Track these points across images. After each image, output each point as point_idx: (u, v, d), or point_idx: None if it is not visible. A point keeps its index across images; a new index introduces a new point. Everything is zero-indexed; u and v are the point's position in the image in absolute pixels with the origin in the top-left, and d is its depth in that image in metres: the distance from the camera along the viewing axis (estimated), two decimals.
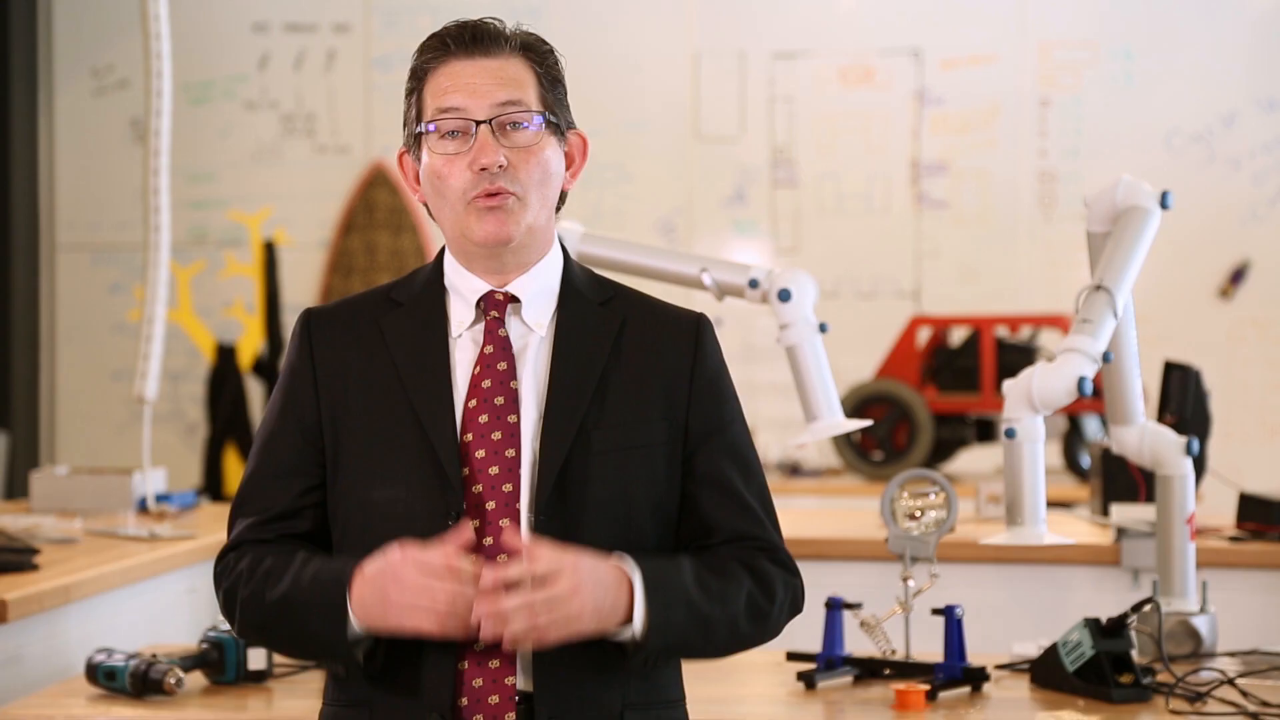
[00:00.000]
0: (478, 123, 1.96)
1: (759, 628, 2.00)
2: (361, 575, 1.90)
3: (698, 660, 2.02)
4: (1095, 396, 3.23)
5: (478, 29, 2.00)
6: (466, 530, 1.89)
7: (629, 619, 1.89)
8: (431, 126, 1.98)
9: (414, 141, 2.03)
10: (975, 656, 2.82)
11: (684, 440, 2.01)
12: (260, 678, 2.80)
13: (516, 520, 1.94)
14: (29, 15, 7.43)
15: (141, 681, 2.67)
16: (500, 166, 1.96)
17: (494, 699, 1.92)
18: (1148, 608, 2.85)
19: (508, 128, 1.97)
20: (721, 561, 1.99)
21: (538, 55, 2.02)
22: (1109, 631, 2.68)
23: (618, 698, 1.96)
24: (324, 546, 2.02)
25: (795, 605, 2.05)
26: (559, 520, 1.94)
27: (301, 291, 7.20)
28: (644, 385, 2.00)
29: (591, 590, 1.86)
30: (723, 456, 2.03)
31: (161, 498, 4.34)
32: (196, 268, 6.77)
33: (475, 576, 1.85)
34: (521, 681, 1.93)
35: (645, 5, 7.24)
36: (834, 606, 2.84)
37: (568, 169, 2.06)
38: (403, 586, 1.86)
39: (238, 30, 7.40)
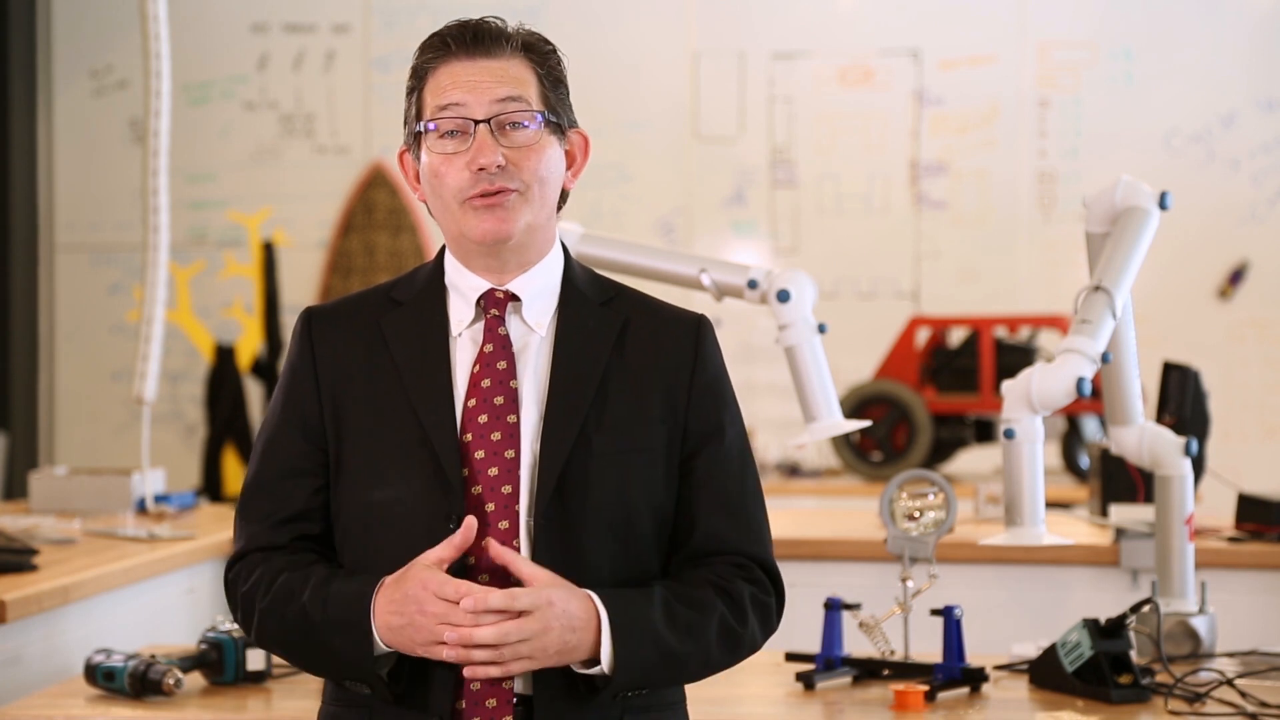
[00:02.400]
0: (476, 122, 1.96)
1: (732, 652, 1.99)
2: (385, 595, 1.89)
3: (669, 685, 2.00)
4: (1094, 397, 3.24)
5: (479, 29, 1.99)
6: (469, 532, 1.88)
7: (595, 654, 1.89)
8: (432, 125, 1.98)
9: (414, 140, 2.02)
10: (974, 657, 2.82)
11: (682, 442, 2.01)
12: (259, 678, 2.80)
13: (515, 522, 1.93)
14: (29, 15, 7.43)
15: (140, 682, 2.67)
16: (499, 166, 1.95)
17: (492, 703, 1.91)
18: (1147, 608, 2.85)
19: (507, 127, 1.97)
20: (694, 591, 1.97)
21: (539, 55, 2.01)
22: (1108, 632, 2.68)
23: (617, 702, 1.96)
24: (334, 548, 2.02)
25: (767, 624, 2.03)
26: (558, 523, 1.93)
27: (300, 292, 7.20)
28: (644, 387, 1.99)
29: (560, 631, 1.86)
30: (719, 461, 2.02)
31: (160, 498, 4.34)
32: (196, 268, 6.77)
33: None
34: (520, 685, 1.93)
35: (645, 5, 7.24)
36: (833, 607, 2.84)
37: (569, 168, 2.05)
38: (426, 616, 1.85)
39: (237, 30, 7.40)
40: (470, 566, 1.93)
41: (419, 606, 1.86)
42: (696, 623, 1.95)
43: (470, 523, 1.89)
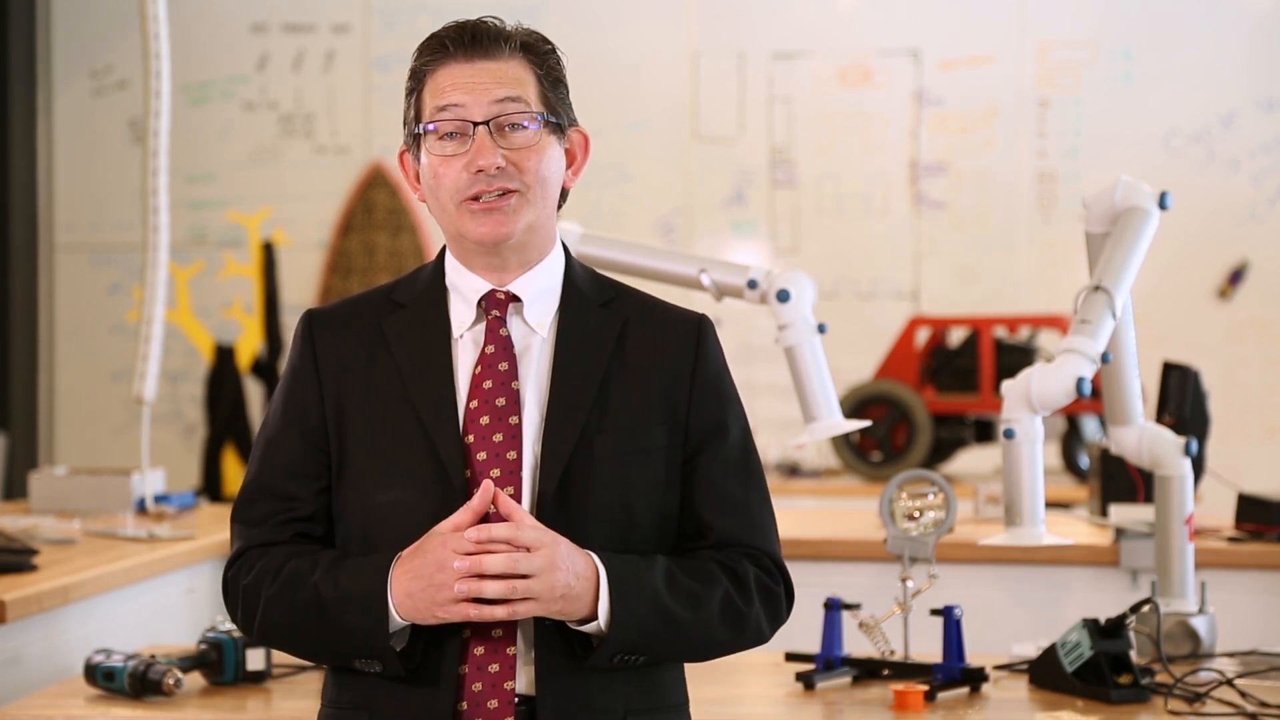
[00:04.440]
0: (475, 124, 1.96)
1: (737, 631, 1.98)
2: (402, 565, 1.89)
3: (674, 662, 2.01)
4: (1094, 397, 3.24)
5: (477, 30, 1.99)
6: (487, 495, 1.88)
7: (593, 612, 1.89)
8: (431, 127, 1.98)
9: (413, 142, 2.02)
10: (974, 657, 2.82)
11: (684, 442, 2.01)
12: (259, 678, 2.80)
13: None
14: (29, 15, 7.43)
15: (140, 682, 2.67)
16: (498, 168, 1.95)
17: (493, 703, 1.91)
18: (1146, 608, 2.85)
19: (506, 128, 1.97)
20: (700, 564, 1.98)
21: (538, 55, 2.01)
22: (1108, 632, 2.68)
23: (620, 702, 1.96)
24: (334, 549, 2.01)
25: (774, 612, 2.02)
26: (560, 524, 1.92)
27: (300, 292, 7.20)
28: (645, 387, 1.99)
29: (565, 572, 1.87)
30: (722, 460, 2.02)
31: (160, 498, 4.34)
32: (195, 268, 6.77)
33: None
34: (523, 685, 1.93)
35: (645, 5, 7.24)
36: (833, 607, 2.84)
37: (569, 167, 2.05)
38: (446, 573, 1.85)
39: (236, 31, 7.40)
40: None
41: (439, 565, 1.85)
42: (699, 592, 1.95)
43: (487, 486, 1.88)
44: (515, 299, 2.01)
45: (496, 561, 1.84)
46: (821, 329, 3.26)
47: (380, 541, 1.94)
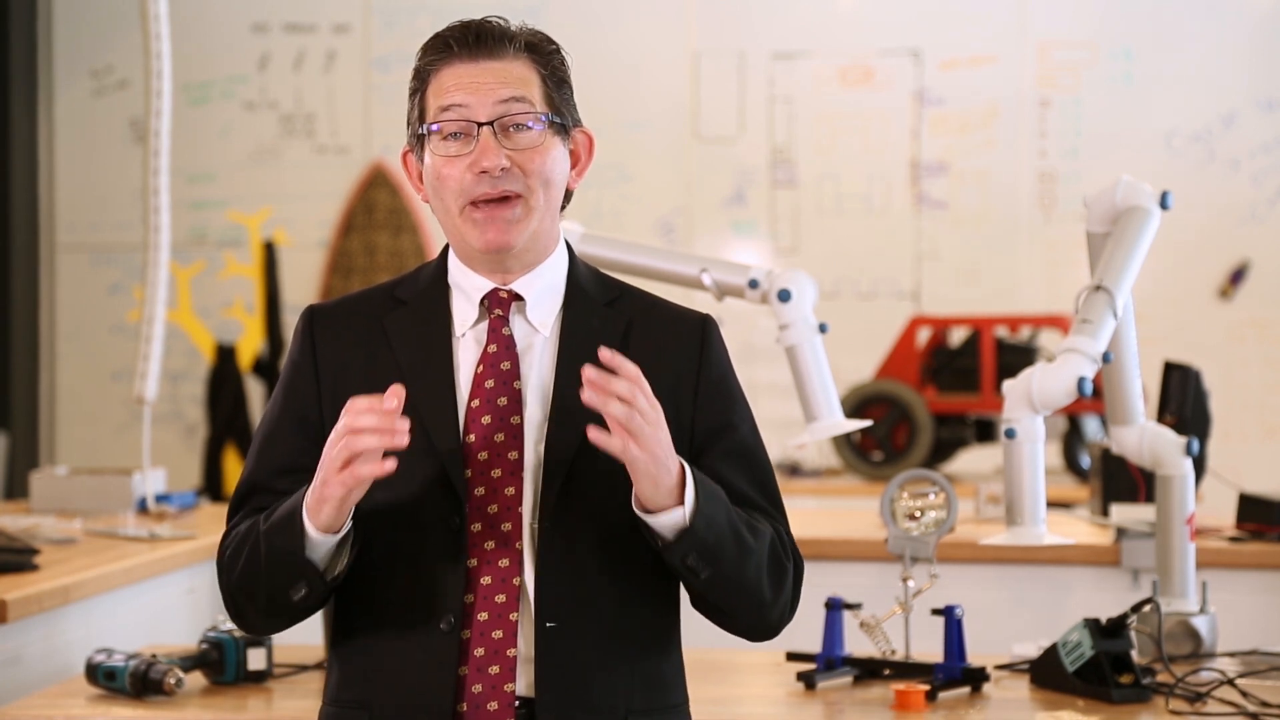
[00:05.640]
0: (479, 124, 1.95)
1: (778, 582, 1.98)
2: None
3: (726, 593, 1.96)
4: (1095, 397, 3.23)
5: (481, 29, 1.98)
6: (397, 392, 1.84)
7: (679, 502, 1.88)
8: (435, 127, 1.97)
9: (417, 142, 2.01)
10: (975, 657, 2.82)
11: (690, 442, 2.00)
12: (260, 678, 2.80)
13: (518, 524, 1.93)
14: (29, 15, 7.43)
15: (141, 682, 2.67)
16: (502, 169, 1.95)
17: (493, 705, 1.90)
18: (1147, 608, 2.85)
19: (510, 129, 1.96)
20: (748, 512, 2.00)
21: (542, 55, 2.00)
22: (1109, 632, 2.68)
23: (621, 703, 1.95)
24: None
25: (798, 583, 2.03)
26: (563, 525, 1.93)
27: (301, 292, 7.20)
28: (650, 387, 1.99)
29: (666, 436, 1.86)
30: (730, 457, 2.02)
31: (161, 498, 4.34)
32: (196, 268, 6.77)
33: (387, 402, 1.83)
34: (523, 687, 1.92)
35: (645, 5, 7.24)
36: (834, 607, 2.84)
37: (573, 168, 2.04)
38: (332, 448, 1.84)
39: (237, 30, 7.40)
40: (471, 569, 1.93)
41: (327, 447, 1.85)
42: (755, 524, 1.97)
43: (397, 388, 1.84)
44: (518, 298, 2.01)
45: (622, 387, 1.82)
46: (822, 329, 3.26)
47: (377, 541, 1.94)
